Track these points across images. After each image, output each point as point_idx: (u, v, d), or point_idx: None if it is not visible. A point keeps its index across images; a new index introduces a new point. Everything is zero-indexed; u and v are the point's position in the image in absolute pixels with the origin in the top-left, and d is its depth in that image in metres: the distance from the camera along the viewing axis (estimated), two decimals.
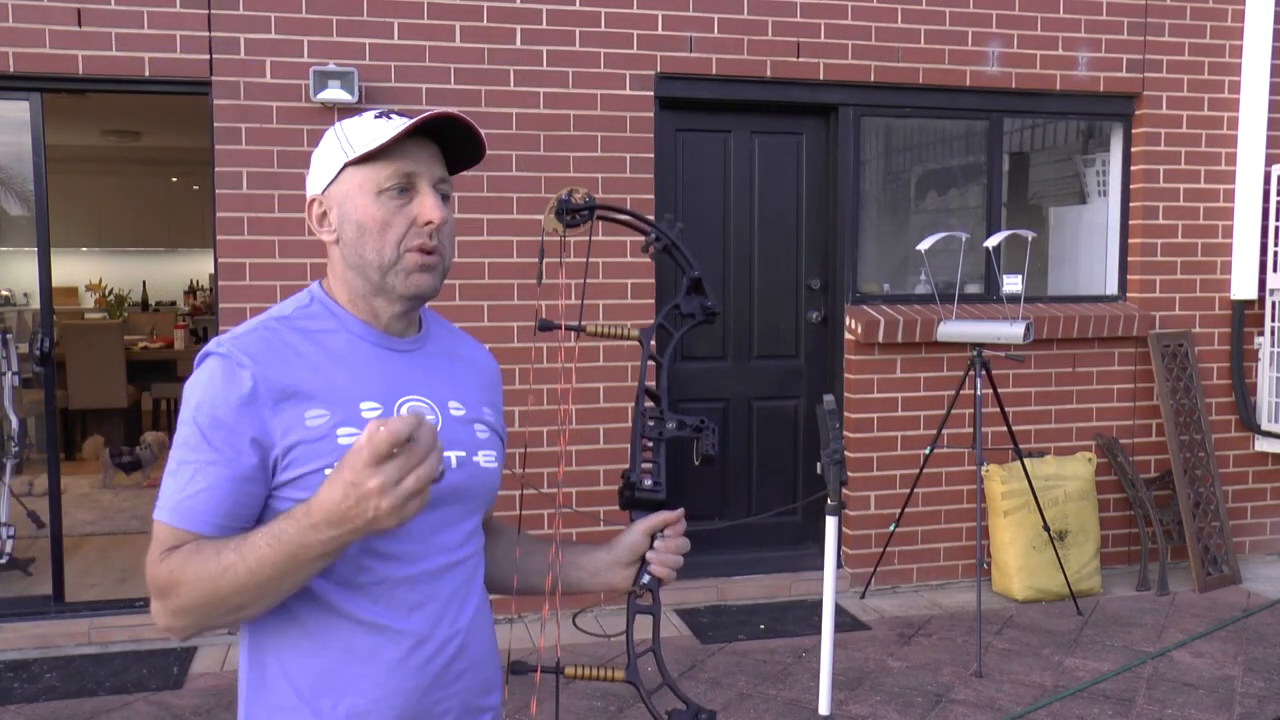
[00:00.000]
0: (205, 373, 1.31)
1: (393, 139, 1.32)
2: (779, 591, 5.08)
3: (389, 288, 1.37)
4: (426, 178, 1.37)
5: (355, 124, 1.38)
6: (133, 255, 11.21)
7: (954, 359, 5.16)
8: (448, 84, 4.58)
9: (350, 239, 1.36)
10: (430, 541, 1.35)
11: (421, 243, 1.35)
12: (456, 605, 1.38)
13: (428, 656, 1.34)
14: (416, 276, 1.36)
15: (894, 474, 5.14)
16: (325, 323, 1.39)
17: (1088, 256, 5.71)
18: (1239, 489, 5.64)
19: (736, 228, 5.16)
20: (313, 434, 1.29)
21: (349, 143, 1.36)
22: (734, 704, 3.86)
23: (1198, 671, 4.17)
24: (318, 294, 1.43)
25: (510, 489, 4.76)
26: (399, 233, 1.35)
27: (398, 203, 1.35)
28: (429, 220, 1.35)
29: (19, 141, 4.49)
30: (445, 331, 1.53)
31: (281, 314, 1.39)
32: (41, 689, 4.00)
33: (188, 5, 4.34)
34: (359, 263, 1.36)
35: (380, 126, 1.36)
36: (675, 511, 1.47)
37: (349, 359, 1.36)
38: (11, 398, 5.30)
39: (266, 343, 1.33)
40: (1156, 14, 5.37)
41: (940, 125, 5.48)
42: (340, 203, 1.37)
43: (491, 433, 1.48)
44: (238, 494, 1.27)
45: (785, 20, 4.92)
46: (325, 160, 1.39)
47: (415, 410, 1.33)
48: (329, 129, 1.43)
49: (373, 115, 1.39)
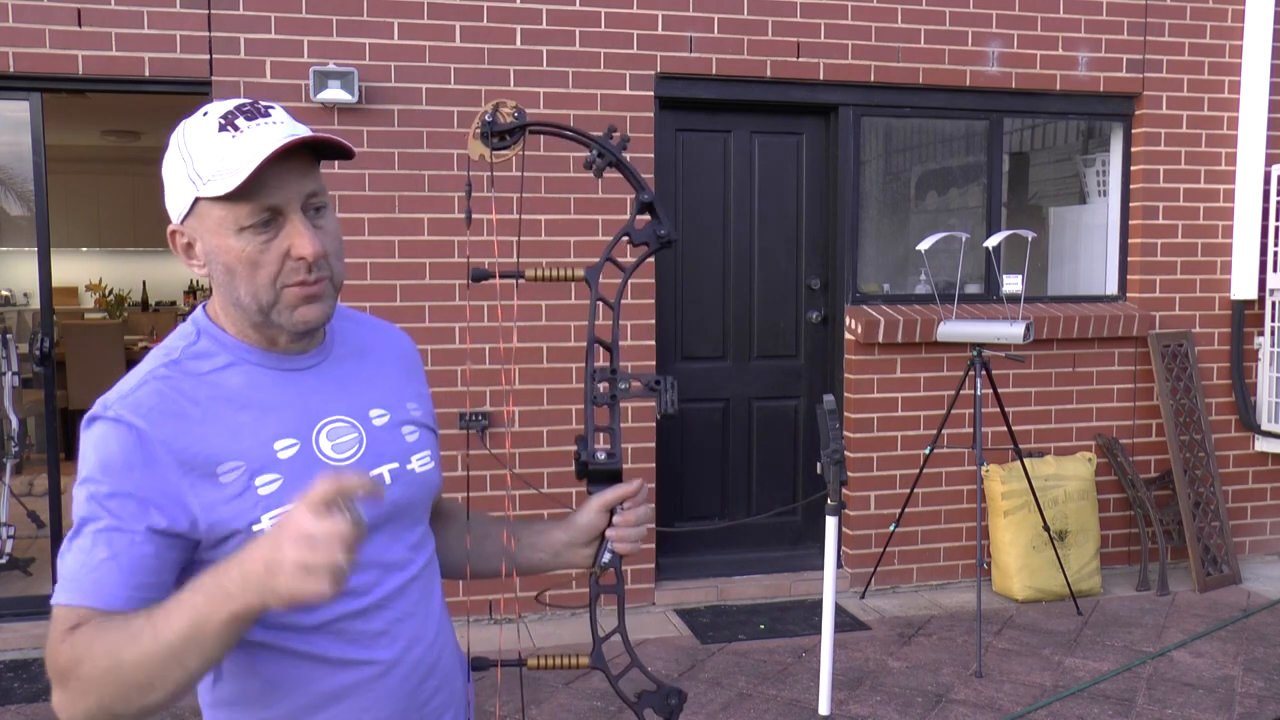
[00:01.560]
0: (94, 438, 1.18)
1: (242, 183, 1.15)
2: (779, 591, 5.08)
3: (276, 324, 1.24)
4: (295, 203, 1.20)
5: (199, 141, 1.20)
6: (133, 255, 11.19)
7: (954, 359, 5.16)
8: (448, 84, 4.58)
9: (221, 279, 1.22)
10: (380, 565, 1.28)
11: (299, 279, 1.21)
12: (419, 621, 1.32)
13: (401, 678, 1.29)
14: (303, 310, 1.23)
15: (894, 474, 5.14)
16: (216, 358, 1.25)
17: (1088, 256, 5.71)
18: (1239, 489, 5.64)
19: (736, 228, 5.16)
20: (230, 491, 1.18)
21: (195, 170, 1.20)
22: (734, 704, 3.86)
23: (1198, 671, 4.17)
24: (204, 324, 1.28)
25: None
26: (272, 271, 1.20)
27: (264, 237, 1.19)
28: (302, 256, 1.20)
29: (19, 141, 4.49)
30: (350, 325, 1.40)
31: (169, 358, 1.25)
32: (41, 689, 4.00)
33: (188, 5, 4.34)
34: (235, 301, 1.23)
35: (226, 149, 1.18)
36: (632, 484, 1.38)
37: (251, 396, 1.24)
38: (11, 398, 5.30)
39: (160, 397, 1.20)
40: (1156, 14, 5.37)
41: (940, 125, 5.48)
42: (204, 238, 1.22)
43: (421, 430, 1.38)
44: (146, 560, 1.15)
45: (785, 20, 4.91)
46: (175, 186, 1.23)
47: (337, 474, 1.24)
48: (172, 138, 1.24)
49: (215, 128, 1.20)
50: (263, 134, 1.19)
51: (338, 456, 1.27)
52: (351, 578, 1.22)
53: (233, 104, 1.23)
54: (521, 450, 4.72)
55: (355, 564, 1.03)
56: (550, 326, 4.74)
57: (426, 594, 1.35)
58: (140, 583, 1.14)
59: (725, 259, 5.16)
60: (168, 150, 1.25)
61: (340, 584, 1.02)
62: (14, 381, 5.35)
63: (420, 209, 4.56)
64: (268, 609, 1.05)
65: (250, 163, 1.15)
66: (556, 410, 4.76)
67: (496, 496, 4.61)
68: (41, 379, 4.81)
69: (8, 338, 5.44)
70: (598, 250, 4.76)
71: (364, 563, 1.25)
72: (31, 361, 4.89)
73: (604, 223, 4.76)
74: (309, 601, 1.02)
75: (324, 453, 1.26)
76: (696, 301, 5.12)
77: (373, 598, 1.27)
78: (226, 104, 1.24)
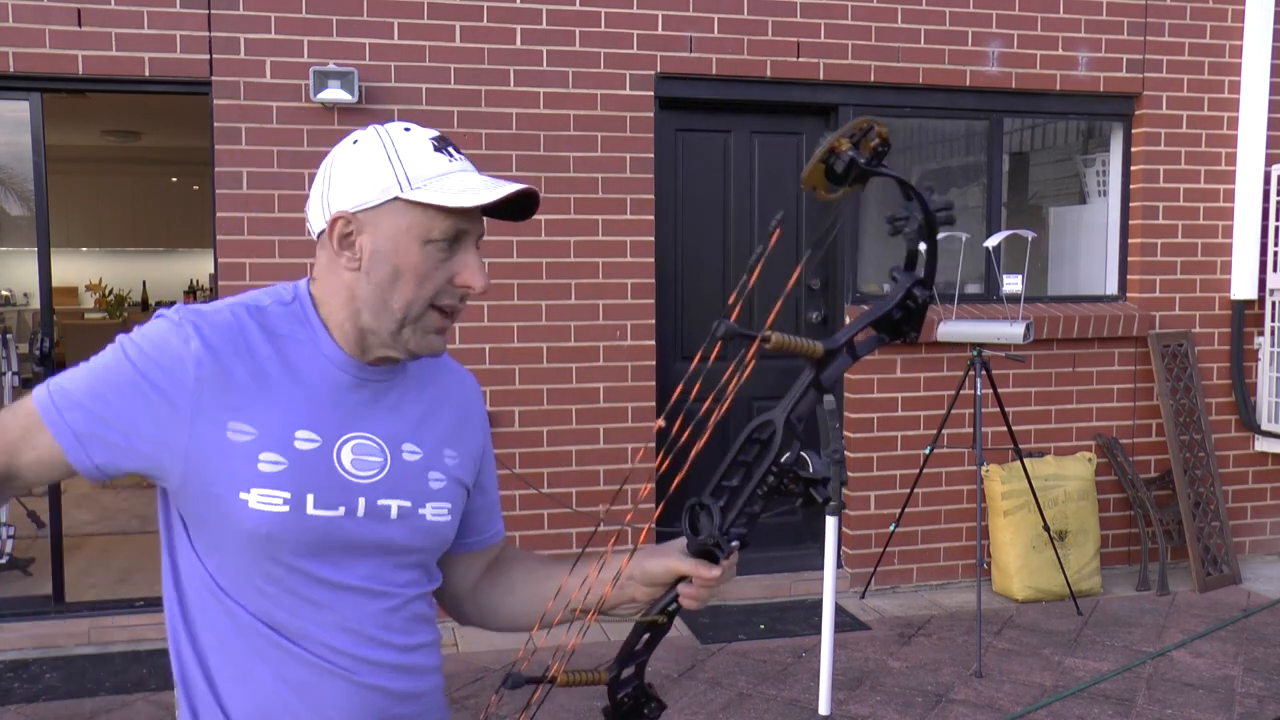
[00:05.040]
0: (151, 325, 1.22)
1: (476, 206, 1.21)
2: (779, 591, 5.08)
3: (400, 340, 1.25)
4: (474, 236, 1.25)
5: (410, 147, 1.23)
6: (133, 255, 11.20)
7: (954, 359, 5.16)
8: (448, 84, 4.58)
9: (381, 280, 1.23)
10: (353, 589, 1.26)
11: (451, 304, 1.25)
12: (393, 652, 1.30)
13: (369, 695, 1.28)
14: (432, 338, 1.26)
15: (894, 474, 5.14)
16: (298, 330, 1.27)
17: (1088, 256, 5.71)
18: (1239, 489, 5.64)
19: (736, 228, 5.16)
20: (231, 451, 1.18)
21: (404, 171, 1.22)
22: (734, 704, 3.86)
23: (1198, 671, 4.17)
24: (304, 297, 1.29)
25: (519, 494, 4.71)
26: (434, 289, 1.23)
27: (441, 256, 1.22)
28: (470, 286, 1.24)
29: (19, 141, 4.49)
30: (430, 357, 1.36)
31: (258, 303, 1.28)
32: (41, 689, 4.00)
33: (188, 5, 4.34)
34: (379, 306, 1.23)
35: (446, 167, 1.23)
36: (721, 572, 1.27)
37: (304, 378, 1.24)
38: (11, 398, 5.30)
39: (228, 328, 1.22)
40: (1156, 14, 5.37)
41: (940, 125, 5.48)
42: (378, 237, 1.22)
43: (449, 482, 1.35)
44: (121, 420, 1.18)
45: (785, 20, 4.91)
46: (367, 177, 1.22)
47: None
48: (369, 133, 1.26)
49: (430, 143, 1.24)
50: (473, 173, 1.25)
51: (355, 472, 1.26)
52: (318, 591, 1.23)
53: (430, 131, 1.27)
54: (521, 450, 4.73)
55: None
56: (550, 326, 4.74)
57: (408, 628, 1.32)
58: (102, 415, 1.19)
59: (725, 259, 5.16)
60: (356, 144, 1.25)
61: None
62: (14, 381, 5.35)
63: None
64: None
65: (488, 189, 1.21)
66: (557, 410, 4.76)
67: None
68: (41, 379, 4.81)
69: (8, 338, 5.44)
70: (598, 250, 4.77)
71: (335, 583, 1.25)
72: (31, 361, 4.89)
73: (604, 223, 4.76)
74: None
75: (342, 463, 1.25)
76: (696, 301, 5.12)
77: (338, 618, 1.25)
78: (425, 130, 1.27)
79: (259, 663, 1.24)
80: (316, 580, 1.24)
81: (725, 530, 1.21)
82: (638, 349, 4.83)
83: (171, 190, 10.89)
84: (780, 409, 1.21)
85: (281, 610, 1.23)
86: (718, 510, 1.21)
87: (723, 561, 1.25)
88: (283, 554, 1.22)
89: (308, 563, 1.23)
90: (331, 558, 1.24)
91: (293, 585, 1.23)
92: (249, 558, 1.22)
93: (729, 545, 1.21)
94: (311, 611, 1.24)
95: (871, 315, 1.21)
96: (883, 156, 1.12)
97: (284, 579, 1.23)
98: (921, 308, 1.21)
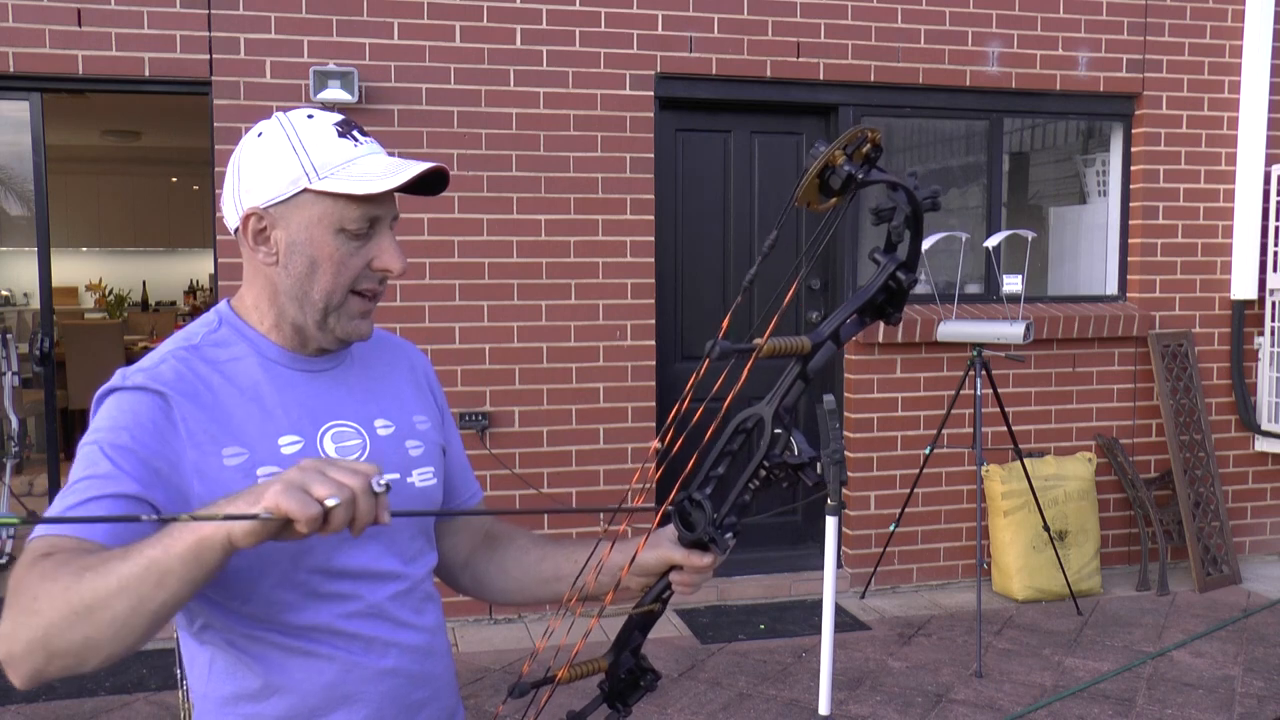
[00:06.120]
0: (113, 404, 1.19)
1: (381, 192, 1.22)
2: (779, 591, 5.08)
3: (326, 328, 1.28)
4: (388, 218, 1.27)
5: (314, 135, 1.24)
6: (133, 255, 11.20)
7: (954, 359, 5.16)
8: (448, 84, 4.58)
9: (299, 272, 1.25)
10: (370, 574, 1.29)
11: (371, 287, 1.28)
12: (411, 632, 1.33)
13: (390, 686, 1.30)
14: (358, 323, 1.29)
15: (894, 474, 5.14)
16: (234, 349, 1.28)
17: (1088, 256, 5.71)
18: (1239, 489, 5.64)
19: (737, 228, 5.16)
20: (231, 475, 1.20)
21: (310, 161, 1.22)
22: (734, 704, 3.86)
23: (1198, 671, 4.17)
24: (227, 316, 1.32)
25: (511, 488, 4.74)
26: (352, 275, 1.26)
27: (357, 243, 1.25)
28: (388, 269, 1.27)
29: (19, 141, 4.50)
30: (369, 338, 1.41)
31: (189, 342, 1.28)
32: (41, 689, 4.00)
33: (188, 5, 4.34)
34: (301, 297, 1.27)
35: (351, 154, 1.23)
36: (713, 560, 1.28)
37: (263, 390, 1.27)
38: (11, 398, 5.31)
39: (178, 375, 1.22)
40: (1156, 14, 5.37)
41: (940, 125, 5.48)
42: (292, 229, 1.24)
43: (427, 445, 1.39)
44: (151, 496, 1.15)
45: (785, 20, 4.91)
46: (275, 170, 1.23)
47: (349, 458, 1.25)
48: (273, 123, 1.26)
49: (332, 131, 1.25)
50: (380, 155, 1.26)
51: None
52: (339, 584, 1.24)
53: (333, 116, 1.28)
54: (521, 450, 4.73)
55: (355, 529, 0.99)
56: (550, 326, 4.74)
57: (419, 609, 1.35)
58: (123, 538, 1.09)
59: (725, 259, 5.16)
60: (260, 137, 1.25)
61: (328, 524, 0.97)
62: (14, 381, 5.36)
63: (420, 208, 4.56)
64: (233, 543, 0.98)
65: (393, 173, 1.21)
66: (556, 410, 4.76)
67: (496, 497, 4.61)
68: (41, 379, 4.82)
69: (8, 338, 5.44)
70: (598, 250, 4.76)
71: (353, 571, 1.27)
72: (31, 361, 4.89)
73: (604, 223, 4.76)
74: (293, 516, 0.94)
75: (327, 454, 1.28)
76: (696, 301, 5.12)
77: (359, 605, 1.28)
78: (328, 114, 1.28)
79: (282, 676, 1.26)
80: (333, 574, 1.26)
81: (719, 524, 1.23)
82: (638, 349, 4.83)
83: (171, 190, 10.89)
84: (768, 402, 1.24)
85: (305, 614, 1.25)
86: (709, 504, 1.24)
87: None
88: (301, 557, 1.24)
89: (323, 558, 1.25)
90: (342, 547, 1.27)
91: (314, 586, 1.25)
92: (272, 579, 1.23)
93: (725, 540, 1.24)
94: (333, 606, 1.26)
95: (855, 303, 1.24)
96: (875, 161, 1.15)
97: (305, 582, 1.25)
98: (904, 290, 1.23)
